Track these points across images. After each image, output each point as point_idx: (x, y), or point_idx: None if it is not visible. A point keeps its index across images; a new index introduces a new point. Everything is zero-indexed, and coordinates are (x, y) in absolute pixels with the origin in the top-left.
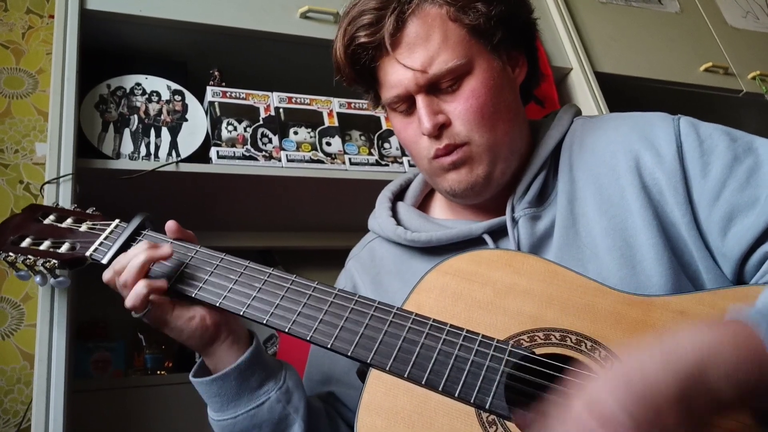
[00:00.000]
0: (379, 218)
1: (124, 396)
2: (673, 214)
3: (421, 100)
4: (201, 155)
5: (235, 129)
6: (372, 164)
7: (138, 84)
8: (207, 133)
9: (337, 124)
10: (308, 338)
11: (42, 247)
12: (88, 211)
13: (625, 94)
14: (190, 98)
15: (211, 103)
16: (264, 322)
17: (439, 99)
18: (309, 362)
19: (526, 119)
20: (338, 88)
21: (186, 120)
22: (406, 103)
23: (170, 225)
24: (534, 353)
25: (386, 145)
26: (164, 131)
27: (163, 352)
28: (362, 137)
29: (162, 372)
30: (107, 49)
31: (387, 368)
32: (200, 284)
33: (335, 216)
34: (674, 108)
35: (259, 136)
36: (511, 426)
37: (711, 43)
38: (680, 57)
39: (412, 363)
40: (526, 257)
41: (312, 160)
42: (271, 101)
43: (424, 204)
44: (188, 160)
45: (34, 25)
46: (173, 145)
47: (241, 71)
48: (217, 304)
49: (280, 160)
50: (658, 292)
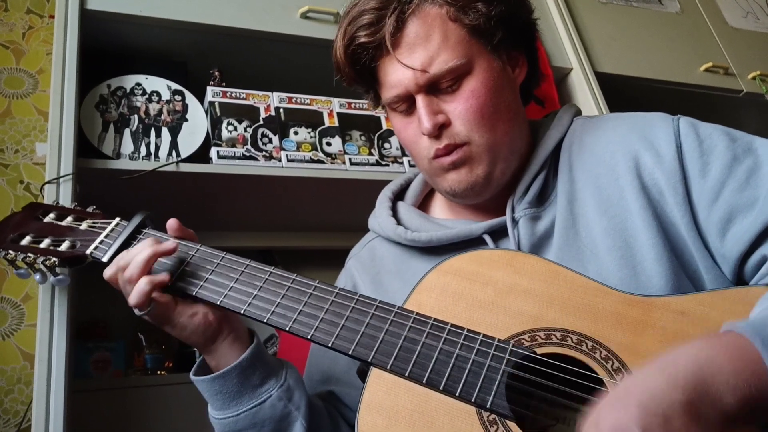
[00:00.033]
0: (380, 218)
1: (124, 396)
2: (673, 215)
3: (421, 100)
4: (201, 155)
5: (236, 129)
6: (372, 164)
7: (138, 84)
8: (207, 133)
9: (337, 124)
10: (309, 337)
11: (42, 245)
12: (88, 209)
13: (625, 94)
14: (191, 98)
15: (212, 103)
16: (265, 320)
17: (439, 99)
18: (309, 362)
19: (526, 119)
20: (338, 88)
21: (186, 120)
22: (406, 103)
23: (171, 223)
24: (535, 353)
25: (386, 145)
26: (164, 131)
27: (163, 352)
28: (362, 137)
29: (162, 372)
30: (107, 49)
31: (388, 367)
32: (201, 282)
33: (335, 216)
34: (674, 108)
35: (259, 136)
36: (512, 425)
37: (711, 43)
38: (680, 57)
39: (413, 362)
40: (527, 257)
41: (312, 160)
42: (271, 101)
43: (424, 204)
44: (188, 160)
45: (34, 25)
46: (173, 145)
47: (241, 71)
48: (218, 302)
49: (280, 160)
50: (659, 292)
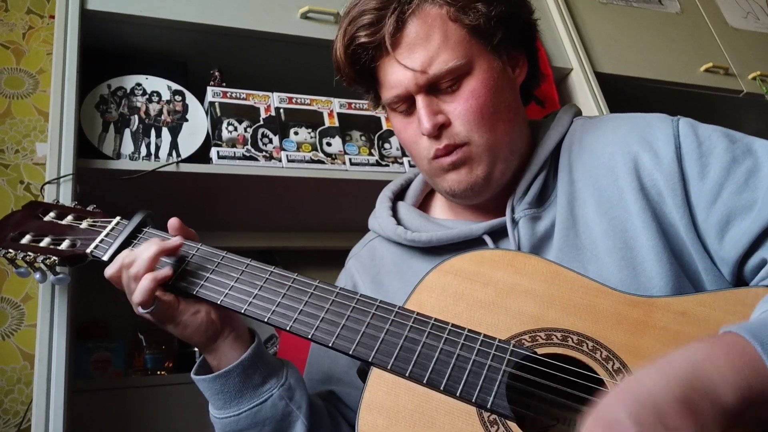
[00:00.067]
0: (380, 218)
1: (124, 396)
2: (672, 216)
3: (420, 101)
4: (201, 155)
5: (236, 129)
6: (372, 164)
7: (138, 84)
8: (207, 133)
9: (337, 124)
10: (309, 336)
11: (42, 243)
12: (88, 208)
13: (625, 95)
14: (191, 98)
15: (212, 104)
16: (265, 320)
17: (439, 99)
18: (309, 362)
19: (526, 119)
20: (338, 89)
21: (186, 120)
22: (406, 104)
23: (173, 222)
24: (536, 353)
25: (386, 145)
26: (164, 131)
27: (164, 353)
28: (362, 137)
29: (162, 372)
30: (107, 49)
31: (388, 367)
32: (202, 282)
33: (335, 216)
34: (674, 108)
35: (259, 136)
36: (513, 426)
37: (711, 44)
38: (680, 57)
39: (413, 362)
40: (527, 257)
41: (312, 161)
42: (271, 101)
43: (424, 204)
44: (189, 160)
45: (34, 26)
46: (174, 145)
47: (241, 71)
48: (218, 301)
49: (280, 161)
50: (659, 293)
